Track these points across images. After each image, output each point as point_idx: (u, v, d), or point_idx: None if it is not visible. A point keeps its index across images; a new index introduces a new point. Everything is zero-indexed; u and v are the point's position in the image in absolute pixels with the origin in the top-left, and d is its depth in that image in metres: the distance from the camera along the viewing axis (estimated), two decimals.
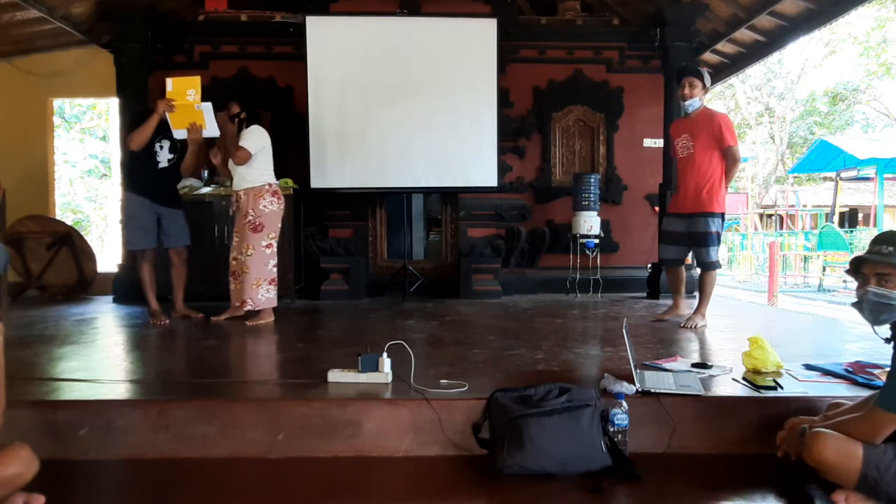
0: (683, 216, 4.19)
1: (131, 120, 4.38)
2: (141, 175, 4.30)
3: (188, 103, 4.10)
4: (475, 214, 6.36)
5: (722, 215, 4.13)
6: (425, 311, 4.59)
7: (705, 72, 4.22)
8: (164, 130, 4.25)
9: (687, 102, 4.13)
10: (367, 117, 5.79)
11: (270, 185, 4.27)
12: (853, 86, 18.89)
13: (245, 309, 4.24)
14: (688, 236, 4.17)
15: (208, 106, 4.13)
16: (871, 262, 1.86)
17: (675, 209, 4.27)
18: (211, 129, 4.18)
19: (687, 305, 4.42)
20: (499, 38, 5.92)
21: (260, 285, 4.22)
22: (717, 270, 4.21)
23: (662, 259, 4.47)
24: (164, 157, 4.32)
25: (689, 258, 5.45)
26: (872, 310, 1.85)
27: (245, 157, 4.17)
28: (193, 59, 6.32)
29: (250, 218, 4.18)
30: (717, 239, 4.11)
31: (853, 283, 1.98)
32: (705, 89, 4.17)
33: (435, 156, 5.94)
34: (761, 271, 11.88)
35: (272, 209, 4.24)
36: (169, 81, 4.15)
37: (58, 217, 7.02)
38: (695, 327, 4.00)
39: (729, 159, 4.06)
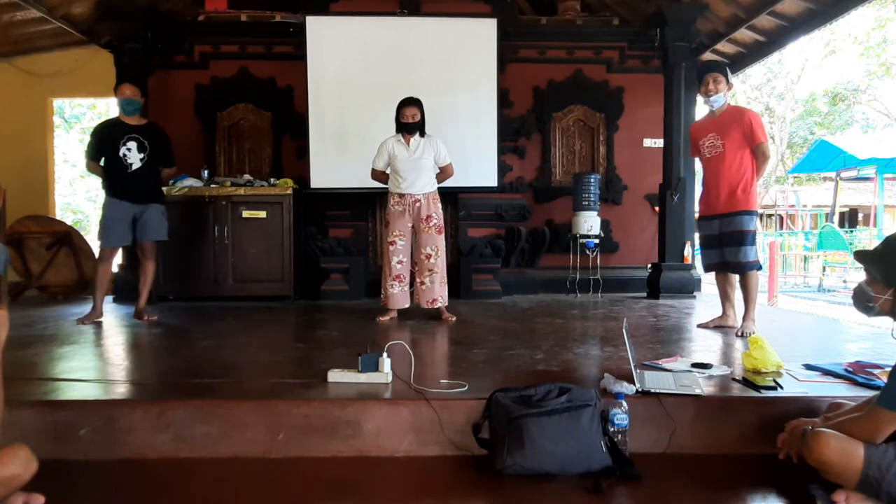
0: (716, 217, 4.02)
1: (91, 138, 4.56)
2: (115, 180, 4.47)
3: None
4: (475, 214, 6.35)
5: (757, 213, 4.03)
6: (425, 311, 4.59)
7: (727, 67, 4.10)
8: (127, 131, 4.44)
9: (712, 98, 3.99)
10: (367, 117, 5.77)
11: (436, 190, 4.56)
12: (853, 86, 18.85)
13: (436, 306, 4.43)
14: (721, 237, 4.00)
15: None
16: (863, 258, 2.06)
17: (708, 212, 4.09)
18: None
19: (736, 314, 4.14)
20: (499, 38, 5.93)
21: (444, 283, 4.47)
22: (758, 272, 4.03)
23: (707, 265, 4.20)
24: (134, 158, 4.46)
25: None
26: (854, 299, 2.06)
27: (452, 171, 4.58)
28: (193, 59, 6.32)
29: (435, 221, 4.42)
30: (754, 238, 3.96)
31: (853, 283, 2.06)
32: (729, 85, 4.03)
33: None
34: (761, 271, 11.87)
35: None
36: None
37: (58, 217, 7.01)
38: (750, 334, 3.64)
39: (759, 156, 3.93)
